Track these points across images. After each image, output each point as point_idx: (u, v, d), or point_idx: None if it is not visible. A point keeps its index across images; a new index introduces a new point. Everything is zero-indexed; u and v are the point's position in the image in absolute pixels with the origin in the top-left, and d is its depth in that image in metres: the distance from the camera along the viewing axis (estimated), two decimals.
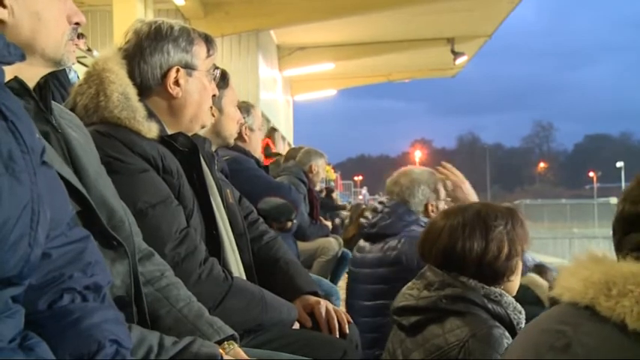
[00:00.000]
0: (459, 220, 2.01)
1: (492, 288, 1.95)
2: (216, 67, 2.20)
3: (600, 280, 1.02)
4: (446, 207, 3.11)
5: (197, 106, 2.13)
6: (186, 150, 2.06)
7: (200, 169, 2.09)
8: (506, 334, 1.86)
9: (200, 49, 2.11)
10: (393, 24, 14.12)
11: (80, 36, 5.98)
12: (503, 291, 1.96)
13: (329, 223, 6.00)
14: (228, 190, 2.33)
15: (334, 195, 9.64)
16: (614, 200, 20.75)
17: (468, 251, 1.96)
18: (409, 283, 2.12)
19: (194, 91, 2.11)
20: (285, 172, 5.23)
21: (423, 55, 17.30)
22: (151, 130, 1.97)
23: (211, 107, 2.20)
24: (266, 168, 4.17)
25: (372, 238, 3.28)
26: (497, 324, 1.87)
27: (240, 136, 3.60)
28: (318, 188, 6.58)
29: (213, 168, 2.24)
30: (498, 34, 15.82)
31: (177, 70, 2.07)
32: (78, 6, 1.44)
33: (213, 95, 2.19)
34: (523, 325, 1.92)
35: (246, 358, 1.58)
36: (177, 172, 2.00)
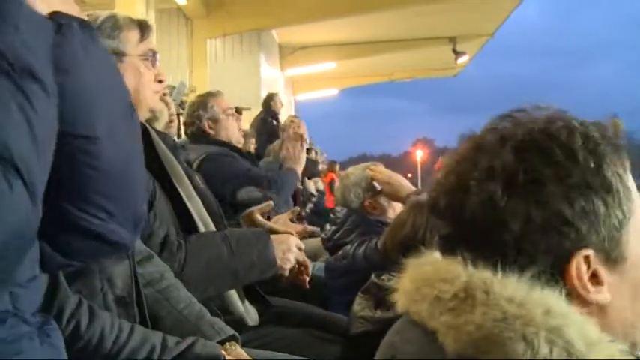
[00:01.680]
0: (423, 212, 1.97)
1: None
2: (155, 52, 2.14)
3: (411, 285, 1.02)
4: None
5: (134, 91, 2.07)
6: None
7: (155, 152, 2.08)
8: None
9: (130, 34, 2.06)
10: (395, 23, 14.12)
11: None
12: None
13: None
14: (196, 176, 2.39)
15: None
16: None
17: (427, 241, 1.88)
18: (357, 300, 2.06)
19: (127, 77, 2.08)
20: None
21: (425, 55, 17.29)
22: None
23: (165, 93, 2.20)
24: (249, 155, 4.17)
25: (332, 251, 3.26)
26: None
27: (204, 132, 3.67)
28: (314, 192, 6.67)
29: (178, 157, 2.25)
30: (500, 33, 15.83)
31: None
32: (79, 5, 1.43)
33: (160, 81, 2.14)
34: None
35: (248, 357, 1.58)
36: None
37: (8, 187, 0.73)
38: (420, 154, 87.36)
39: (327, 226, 3.43)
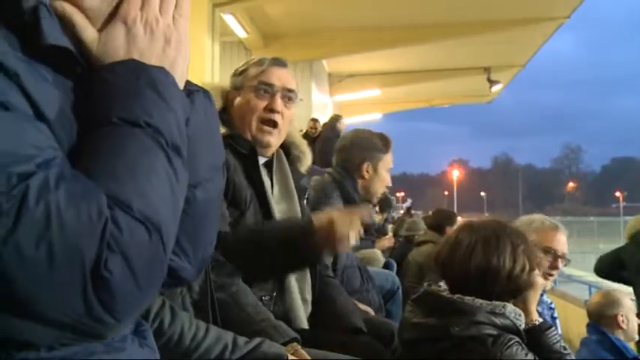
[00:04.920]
0: (487, 235, 1.91)
1: (495, 302, 1.84)
2: (271, 84, 2.16)
3: None
4: None
5: (240, 116, 2.17)
6: (244, 152, 2.09)
7: (258, 171, 2.10)
8: (518, 340, 1.79)
9: (253, 70, 2.18)
10: (435, 54, 14.08)
11: None
12: (504, 302, 1.86)
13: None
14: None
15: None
16: None
17: (502, 266, 1.86)
18: (408, 308, 1.97)
19: (240, 104, 2.18)
20: None
21: (461, 83, 17.18)
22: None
23: (271, 121, 2.16)
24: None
25: None
26: (511, 336, 1.79)
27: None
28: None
29: (301, 198, 2.26)
30: (532, 63, 15.64)
31: (231, 91, 2.22)
32: None
33: (271, 110, 2.15)
34: (523, 325, 1.87)
35: (309, 358, 1.60)
36: (233, 166, 2.02)
37: (156, 248, 0.79)
38: (455, 174, 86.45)
39: None
